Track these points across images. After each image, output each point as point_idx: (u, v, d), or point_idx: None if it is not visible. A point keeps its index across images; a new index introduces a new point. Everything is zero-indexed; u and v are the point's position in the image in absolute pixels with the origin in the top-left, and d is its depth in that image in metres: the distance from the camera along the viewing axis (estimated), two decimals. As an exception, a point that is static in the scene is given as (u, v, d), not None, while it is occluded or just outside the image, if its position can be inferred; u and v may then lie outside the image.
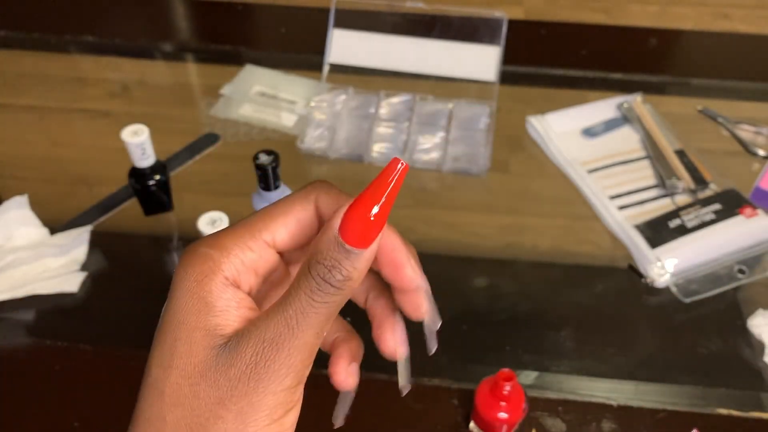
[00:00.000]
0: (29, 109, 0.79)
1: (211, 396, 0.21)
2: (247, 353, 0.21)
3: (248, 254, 0.23)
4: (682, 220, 0.63)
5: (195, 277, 0.22)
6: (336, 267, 0.21)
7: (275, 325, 0.21)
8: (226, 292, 0.22)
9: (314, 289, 0.21)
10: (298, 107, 0.77)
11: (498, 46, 0.77)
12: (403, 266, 0.24)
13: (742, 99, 0.80)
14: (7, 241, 0.61)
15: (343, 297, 0.22)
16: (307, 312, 0.21)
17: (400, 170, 0.21)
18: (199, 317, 0.22)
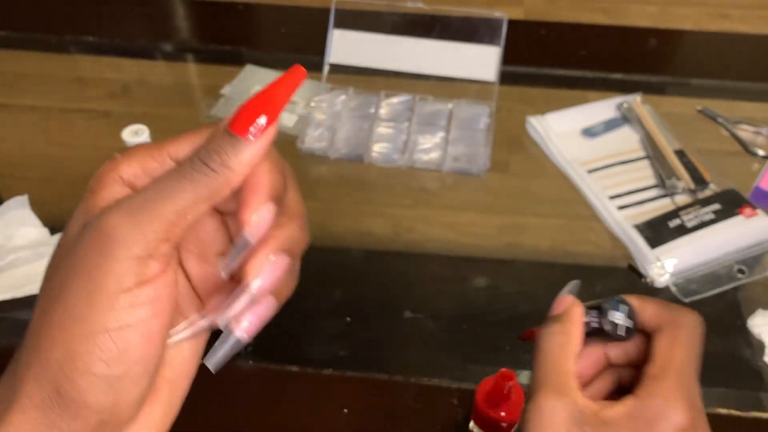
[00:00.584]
0: (29, 109, 0.79)
1: (68, 263, 0.22)
2: (102, 219, 0.22)
3: (149, 162, 0.24)
4: (682, 220, 0.63)
5: (95, 176, 0.24)
6: (216, 150, 0.22)
7: (136, 195, 0.22)
8: (114, 186, 0.23)
9: (187, 167, 0.22)
10: (298, 107, 0.78)
11: (498, 46, 0.77)
12: (247, 205, 0.23)
13: (742, 99, 0.80)
14: (7, 240, 0.61)
15: (217, 184, 0.22)
16: (172, 186, 0.22)
17: (296, 75, 0.23)
18: (82, 203, 0.23)
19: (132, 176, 0.24)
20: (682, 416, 0.27)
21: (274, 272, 0.23)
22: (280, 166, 0.25)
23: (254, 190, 0.23)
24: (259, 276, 0.23)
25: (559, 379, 0.28)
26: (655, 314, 0.30)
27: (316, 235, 0.67)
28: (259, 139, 0.22)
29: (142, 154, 0.24)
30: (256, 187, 0.23)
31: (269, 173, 0.24)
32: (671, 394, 0.27)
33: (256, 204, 0.23)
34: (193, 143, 0.24)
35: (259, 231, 0.23)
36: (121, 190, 0.23)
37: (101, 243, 0.21)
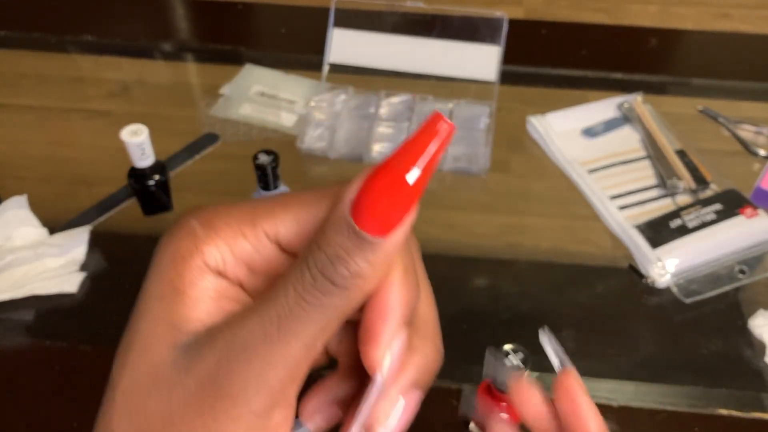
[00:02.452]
0: (28, 109, 0.79)
1: (159, 412, 0.17)
2: (209, 360, 0.16)
3: (240, 243, 0.18)
4: (683, 220, 0.63)
5: (170, 255, 0.18)
6: (342, 258, 0.16)
7: (248, 329, 0.17)
8: (203, 279, 0.18)
9: (308, 285, 0.16)
10: (297, 107, 0.77)
11: (498, 45, 0.77)
12: (376, 338, 0.17)
13: (743, 99, 0.80)
14: (6, 241, 0.61)
15: (348, 302, 0.17)
16: (295, 316, 0.16)
17: (444, 131, 0.16)
18: (164, 305, 0.18)
19: (220, 262, 0.18)
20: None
21: (403, 416, 0.19)
22: (411, 265, 0.18)
23: (384, 313, 0.17)
24: (387, 425, 0.18)
25: None
26: None
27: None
28: (398, 230, 0.16)
29: (231, 232, 0.18)
30: (386, 309, 0.17)
31: (402, 284, 0.18)
32: None
33: (388, 336, 0.17)
34: (298, 220, 0.18)
35: (392, 372, 0.18)
36: (213, 285, 0.18)
37: (213, 398, 0.16)
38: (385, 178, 0.15)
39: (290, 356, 0.17)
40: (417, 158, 0.15)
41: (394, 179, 0.15)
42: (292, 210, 0.18)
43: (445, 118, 0.16)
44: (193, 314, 0.18)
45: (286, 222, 0.18)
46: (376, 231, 0.16)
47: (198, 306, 0.18)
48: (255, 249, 0.18)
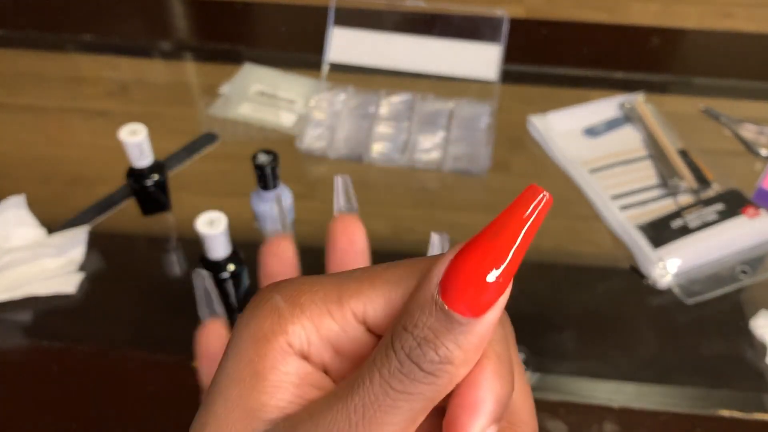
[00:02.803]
0: (26, 109, 0.78)
1: None
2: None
3: (327, 322, 0.17)
4: (685, 220, 0.62)
5: (252, 333, 0.17)
6: (430, 341, 0.15)
7: (333, 417, 0.15)
8: (286, 363, 0.16)
9: (394, 371, 0.15)
10: (297, 106, 0.77)
11: (499, 44, 0.77)
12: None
13: (745, 98, 0.80)
14: (4, 241, 0.61)
15: (437, 390, 0.15)
16: (381, 405, 0.15)
17: (541, 203, 0.15)
18: (243, 389, 0.16)
19: (305, 343, 0.17)
20: None
21: None
22: (506, 352, 0.16)
23: (473, 407, 0.15)
24: None
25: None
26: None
27: (316, 235, 0.67)
28: (491, 311, 0.15)
29: (317, 311, 0.17)
30: (476, 403, 0.15)
31: (495, 375, 0.16)
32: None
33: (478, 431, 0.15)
34: (387, 299, 0.17)
35: None
36: (297, 369, 0.16)
37: None
38: (476, 253, 0.15)
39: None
40: (512, 230, 0.15)
41: (486, 255, 0.14)
42: (381, 288, 0.17)
43: (542, 189, 0.15)
44: (273, 401, 0.16)
45: (375, 301, 0.17)
46: (468, 311, 0.15)
47: (278, 393, 0.16)
48: (342, 329, 0.17)
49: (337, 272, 0.18)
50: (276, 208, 0.24)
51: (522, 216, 0.14)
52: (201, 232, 0.54)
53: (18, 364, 0.54)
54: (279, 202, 0.26)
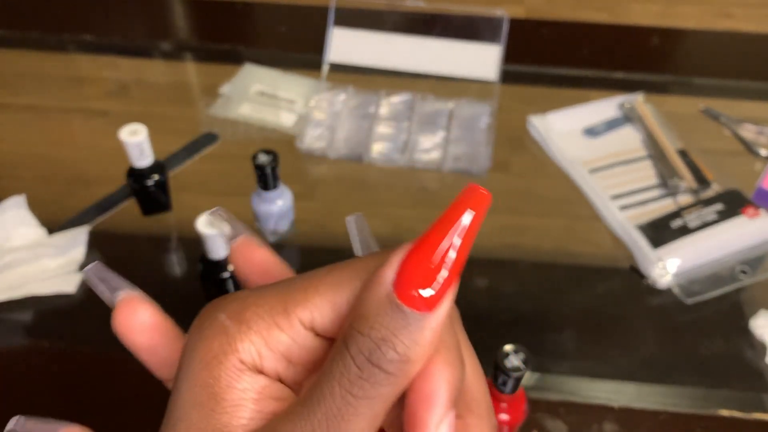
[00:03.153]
0: (27, 109, 0.78)
1: None
2: None
3: (275, 334, 0.17)
4: (684, 220, 0.62)
5: (202, 356, 0.17)
6: (389, 340, 0.15)
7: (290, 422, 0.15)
8: (241, 380, 0.16)
9: (354, 378, 0.15)
10: (297, 107, 0.77)
11: (499, 45, 0.77)
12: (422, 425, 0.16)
13: (745, 98, 0.80)
14: (4, 241, 0.61)
15: (396, 389, 0.15)
16: (344, 415, 0.15)
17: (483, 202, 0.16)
18: (202, 414, 0.16)
19: (256, 357, 0.17)
20: None
21: None
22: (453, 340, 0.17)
23: (428, 397, 0.16)
24: None
25: None
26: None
27: (316, 235, 0.67)
28: (442, 304, 0.15)
29: (264, 325, 0.17)
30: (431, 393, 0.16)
31: (446, 364, 0.16)
32: None
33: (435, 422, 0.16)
34: (333, 303, 0.17)
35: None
36: (252, 385, 0.17)
37: None
38: (427, 250, 0.15)
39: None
40: (456, 230, 0.15)
41: (437, 255, 0.15)
42: (325, 293, 0.17)
43: (481, 188, 0.16)
44: (234, 421, 0.16)
45: (321, 307, 0.17)
46: (422, 307, 0.15)
47: (239, 411, 0.16)
48: (291, 339, 0.17)
49: (280, 281, 0.17)
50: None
51: (462, 213, 0.15)
52: (201, 232, 0.54)
53: (18, 364, 0.54)
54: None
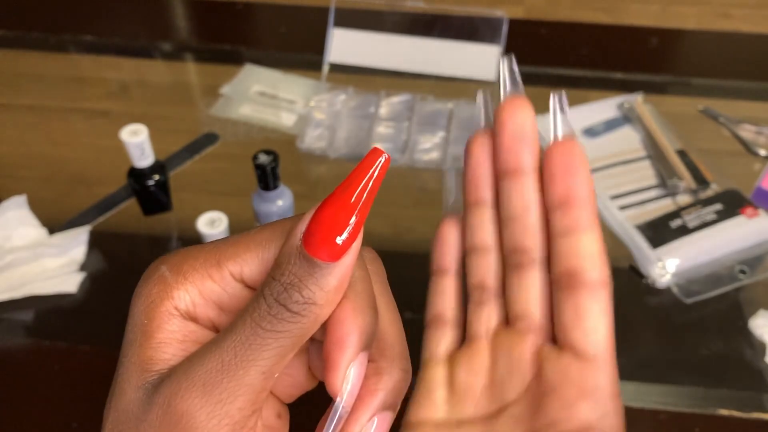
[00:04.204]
0: (28, 109, 0.79)
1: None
2: (167, 394, 0.17)
3: (208, 285, 0.19)
4: (684, 220, 0.62)
5: (142, 302, 0.19)
6: (295, 284, 0.17)
7: (208, 360, 0.17)
8: (172, 323, 0.19)
9: (264, 313, 0.17)
10: (297, 107, 0.77)
11: (498, 45, 0.77)
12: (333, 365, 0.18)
13: (744, 99, 0.80)
14: (5, 241, 0.61)
15: (303, 328, 0.17)
16: (251, 344, 0.17)
17: (380, 163, 0.17)
18: (135, 349, 0.19)
19: (190, 305, 0.19)
20: None
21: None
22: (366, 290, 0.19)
23: (339, 340, 0.18)
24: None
25: None
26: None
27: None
28: (346, 255, 0.17)
29: (198, 276, 0.19)
30: (341, 337, 0.18)
31: (356, 311, 0.18)
32: None
33: (345, 363, 0.18)
34: (260, 258, 0.19)
35: (354, 395, 0.18)
36: (181, 328, 0.19)
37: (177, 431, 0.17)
38: (331, 208, 0.17)
39: (249, 385, 0.17)
40: (357, 187, 0.17)
41: (339, 208, 0.17)
42: (254, 249, 0.19)
43: (383, 151, 0.18)
44: (158, 355, 0.18)
45: (249, 261, 0.19)
46: (326, 257, 0.17)
47: (164, 348, 0.19)
48: (222, 289, 0.19)
49: (217, 240, 0.20)
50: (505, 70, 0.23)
51: (365, 175, 0.17)
52: (202, 231, 0.55)
53: (19, 364, 0.54)
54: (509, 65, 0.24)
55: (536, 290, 0.22)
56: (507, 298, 0.23)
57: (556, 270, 0.22)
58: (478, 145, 0.24)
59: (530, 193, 0.23)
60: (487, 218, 0.24)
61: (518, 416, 0.22)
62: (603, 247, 0.22)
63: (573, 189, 0.22)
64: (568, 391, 0.21)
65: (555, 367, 0.21)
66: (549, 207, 0.22)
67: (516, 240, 0.23)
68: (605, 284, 0.22)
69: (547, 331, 0.22)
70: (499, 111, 0.25)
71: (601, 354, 0.21)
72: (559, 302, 0.22)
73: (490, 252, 0.24)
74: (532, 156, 0.23)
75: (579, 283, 0.21)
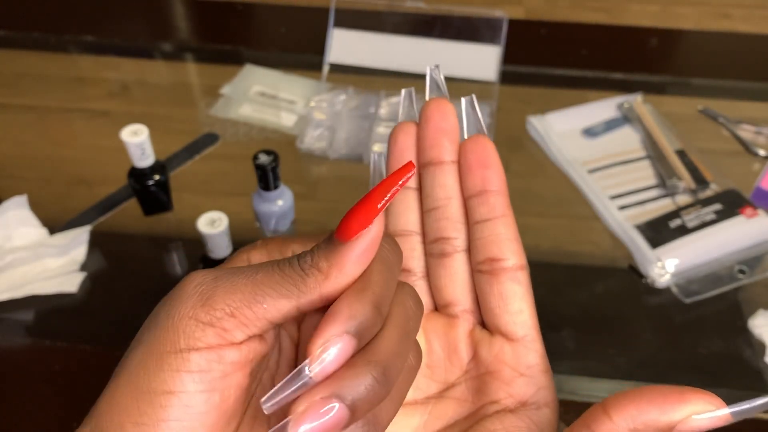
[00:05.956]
0: (28, 109, 0.79)
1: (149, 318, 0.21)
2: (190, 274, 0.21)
3: (275, 254, 0.24)
4: (683, 220, 0.63)
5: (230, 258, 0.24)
6: (311, 252, 0.21)
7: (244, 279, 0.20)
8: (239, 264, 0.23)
9: (285, 262, 0.21)
10: (297, 107, 0.77)
11: (498, 45, 0.77)
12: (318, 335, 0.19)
13: (743, 99, 0.80)
14: (6, 241, 0.61)
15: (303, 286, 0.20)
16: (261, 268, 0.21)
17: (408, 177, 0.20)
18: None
19: (258, 261, 0.23)
20: None
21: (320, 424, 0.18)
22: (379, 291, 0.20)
23: (330, 315, 0.19)
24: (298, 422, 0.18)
25: None
26: None
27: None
28: (356, 242, 0.20)
29: (275, 246, 0.24)
30: (332, 313, 0.19)
31: (354, 296, 0.20)
32: None
33: (326, 334, 0.19)
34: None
35: (325, 373, 0.19)
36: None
37: (175, 297, 0.20)
38: (358, 205, 0.20)
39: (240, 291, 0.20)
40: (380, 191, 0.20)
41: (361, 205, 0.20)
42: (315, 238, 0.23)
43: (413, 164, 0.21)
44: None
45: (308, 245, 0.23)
46: (340, 237, 0.20)
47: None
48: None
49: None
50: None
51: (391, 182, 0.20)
52: (202, 231, 0.55)
53: (20, 363, 0.54)
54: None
55: (461, 277, 0.25)
56: (433, 284, 0.26)
57: (477, 257, 0.25)
58: (403, 134, 0.27)
59: (451, 183, 0.25)
60: (410, 204, 0.26)
61: (460, 397, 0.24)
62: (517, 232, 0.25)
63: (487, 179, 0.25)
64: (504, 371, 0.23)
65: (489, 350, 0.24)
66: (466, 196, 0.25)
67: (440, 229, 0.25)
68: (523, 267, 0.25)
69: (476, 314, 0.25)
70: (425, 107, 0.27)
71: (529, 333, 0.24)
72: (483, 288, 0.24)
73: (411, 236, 0.26)
74: (453, 149, 0.26)
75: (499, 269, 0.24)
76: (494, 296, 0.24)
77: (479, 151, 0.25)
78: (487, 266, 0.24)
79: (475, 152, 0.25)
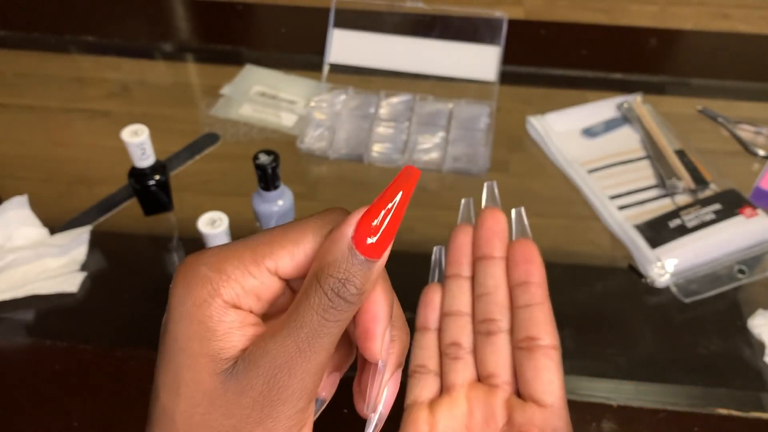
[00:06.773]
0: (29, 109, 0.79)
1: (224, 425, 0.21)
2: (259, 381, 0.21)
3: (249, 280, 0.22)
4: (682, 220, 0.63)
5: (193, 302, 0.22)
6: (350, 280, 0.21)
7: (286, 349, 0.21)
8: (227, 315, 0.22)
9: (327, 306, 0.21)
10: (298, 107, 0.77)
11: (498, 46, 0.77)
12: (374, 336, 0.23)
13: (742, 99, 0.80)
14: (6, 241, 0.61)
15: (352, 312, 0.22)
16: (320, 333, 0.21)
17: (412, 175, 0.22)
18: (202, 343, 0.21)
19: (235, 297, 0.22)
20: None
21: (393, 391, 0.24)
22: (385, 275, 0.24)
23: (377, 317, 0.23)
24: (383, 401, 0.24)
25: None
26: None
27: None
28: (384, 252, 0.21)
29: (240, 273, 0.22)
30: (378, 314, 0.23)
31: (384, 293, 0.23)
32: None
33: (381, 333, 0.23)
34: (292, 255, 0.23)
35: (386, 358, 0.24)
36: (235, 318, 0.22)
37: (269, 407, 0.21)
38: (375, 215, 0.21)
39: (320, 363, 0.21)
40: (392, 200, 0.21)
41: (381, 215, 0.21)
42: (287, 247, 0.22)
43: (415, 168, 0.22)
44: (227, 345, 0.22)
45: (283, 258, 0.22)
46: (372, 255, 0.21)
47: (229, 337, 0.22)
48: (260, 282, 0.22)
49: (247, 238, 0.23)
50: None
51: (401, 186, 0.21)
52: (203, 231, 0.55)
53: (20, 363, 0.54)
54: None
55: (504, 353, 0.30)
56: (478, 358, 0.31)
57: (518, 336, 0.30)
58: (461, 234, 0.34)
59: (500, 274, 0.31)
60: (463, 289, 0.32)
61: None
62: (552, 317, 0.30)
63: (530, 273, 0.30)
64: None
65: (522, 414, 0.28)
66: (511, 285, 0.31)
67: (488, 312, 0.31)
68: (556, 347, 0.30)
69: (513, 385, 0.30)
70: (482, 213, 0.33)
71: (557, 402, 0.29)
72: (521, 362, 0.29)
73: (464, 317, 0.32)
74: (502, 247, 0.32)
75: (535, 347, 0.29)
76: (530, 369, 0.29)
77: (524, 250, 0.31)
78: (525, 343, 0.29)
79: (521, 251, 0.31)
